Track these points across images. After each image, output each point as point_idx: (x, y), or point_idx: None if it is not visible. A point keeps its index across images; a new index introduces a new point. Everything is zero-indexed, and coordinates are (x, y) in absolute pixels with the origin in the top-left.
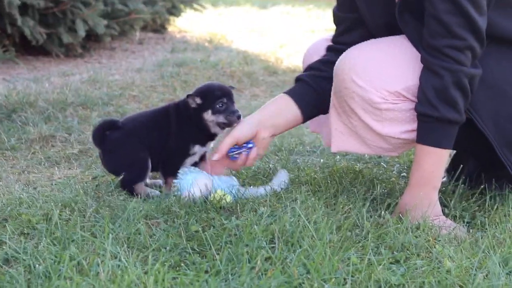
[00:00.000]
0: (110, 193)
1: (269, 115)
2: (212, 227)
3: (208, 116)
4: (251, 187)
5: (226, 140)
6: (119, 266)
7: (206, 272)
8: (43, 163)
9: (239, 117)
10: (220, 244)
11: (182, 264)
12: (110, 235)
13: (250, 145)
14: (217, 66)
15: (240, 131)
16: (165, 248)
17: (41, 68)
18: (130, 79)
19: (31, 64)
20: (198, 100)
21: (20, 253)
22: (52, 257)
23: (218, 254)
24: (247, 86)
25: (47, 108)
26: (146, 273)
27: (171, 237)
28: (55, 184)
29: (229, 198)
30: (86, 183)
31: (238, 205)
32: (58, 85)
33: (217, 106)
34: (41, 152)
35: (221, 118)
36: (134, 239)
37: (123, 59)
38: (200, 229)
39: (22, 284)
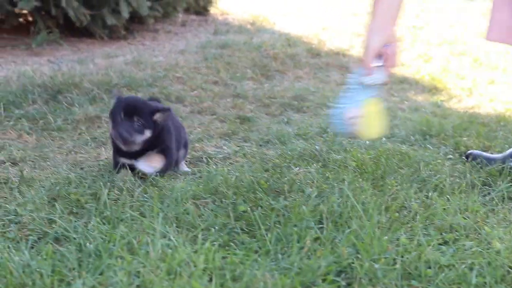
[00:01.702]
0: (156, 173)
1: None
2: (260, 207)
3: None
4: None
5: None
6: (168, 245)
7: (256, 252)
8: (89, 143)
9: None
10: (269, 224)
11: (231, 244)
12: (160, 214)
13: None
14: (260, 48)
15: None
16: (214, 228)
17: (85, 49)
18: (174, 61)
19: (75, 45)
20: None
21: (70, 232)
22: (102, 236)
23: (267, 234)
24: (290, 68)
25: (92, 89)
26: (195, 252)
27: (219, 217)
28: (102, 164)
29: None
30: None
31: (285, 185)
32: (102, 67)
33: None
34: (87, 132)
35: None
36: (182, 219)
37: (166, 40)
38: (248, 209)
39: (73, 262)
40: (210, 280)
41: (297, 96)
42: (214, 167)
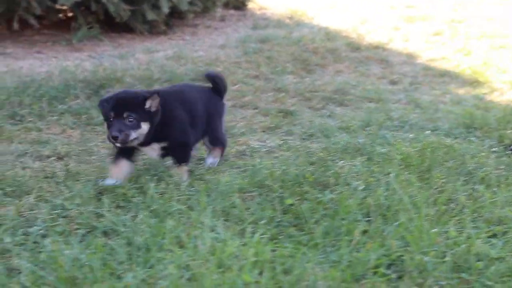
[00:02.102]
0: (200, 167)
1: None
2: (306, 200)
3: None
4: None
5: None
6: (217, 238)
7: (304, 245)
8: None
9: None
10: (316, 217)
11: (279, 237)
12: (207, 208)
13: None
14: (300, 42)
15: None
16: (262, 221)
17: (125, 45)
18: (214, 55)
19: (115, 41)
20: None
21: (118, 226)
22: (151, 229)
23: (315, 227)
24: (330, 62)
25: (134, 84)
26: (244, 245)
27: (266, 210)
28: (147, 159)
29: None
30: None
31: (331, 179)
32: (143, 62)
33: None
34: None
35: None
36: (230, 212)
37: (205, 35)
38: (295, 202)
39: (122, 256)
40: (260, 273)
41: (338, 90)
42: (258, 160)
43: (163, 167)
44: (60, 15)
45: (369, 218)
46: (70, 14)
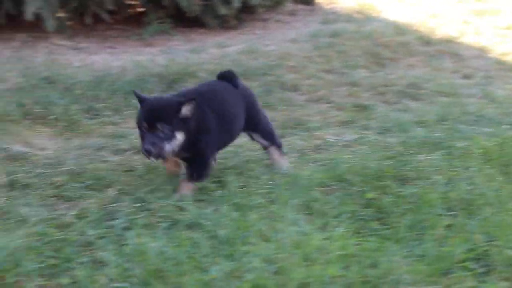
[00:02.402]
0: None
1: None
2: (387, 194)
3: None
4: None
5: None
6: (300, 232)
7: (387, 239)
8: None
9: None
10: (399, 211)
11: (362, 231)
12: (290, 201)
13: None
14: (371, 36)
15: None
16: (344, 215)
17: (196, 39)
18: (286, 50)
19: (186, 36)
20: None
21: (201, 219)
22: (233, 223)
23: (397, 221)
24: (402, 56)
25: (207, 78)
26: (327, 239)
27: (347, 204)
28: (228, 151)
29: None
30: (253, 151)
31: (411, 172)
32: (215, 56)
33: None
34: None
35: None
36: (311, 206)
37: (276, 30)
38: (375, 196)
39: (206, 249)
40: (346, 267)
41: (411, 84)
42: (336, 154)
43: (243, 161)
44: (131, 10)
45: (452, 213)
46: (141, 9)
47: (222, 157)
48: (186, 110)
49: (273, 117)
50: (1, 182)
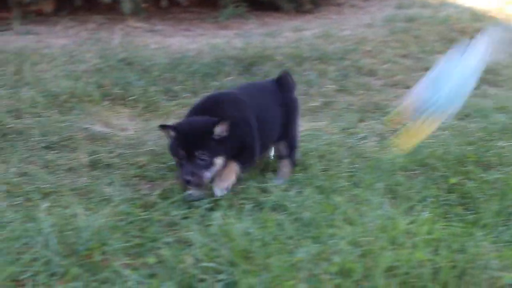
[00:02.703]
0: (360, 144)
1: None
2: (470, 180)
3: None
4: None
5: None
6: (385, 216)
7: (473, 224)
8: None
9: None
10: (483, 197)
11: (446, 216)
12: (374, 185)
13: None
14: (447, 22)
15: None
16: (428, 200)
17: (271, 23)
18: (362, 34)
19: (261, 19)
20: (172, 134)
21: (285, 202)
22: (317, 205)
23: (483, 206)
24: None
25: (284, 62)
26: (412, 223)
27: (430, 188)
28: (307, 135)
29: None
30: (333, 134)
31: (494, 158)
32: (291, 40)
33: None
34: None
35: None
36: (395, 190)
37: (351, 14)
38: (458, 181)
39: (290, 230)
40: (433, 251)
41: (490, 70)
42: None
43: (323, 144)
44: None
45: None
46: None
47: (303, 140)
48: (218, 131)
49: (351, 101)
50: (83, 162)
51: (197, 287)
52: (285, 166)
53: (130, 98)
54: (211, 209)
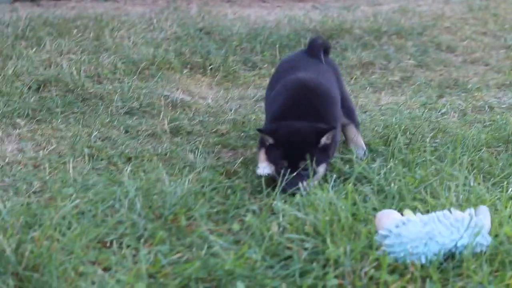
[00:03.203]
0: (440, 119)
1: None
2: None
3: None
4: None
5: None
6: (470, 191)
7: None
8: (367, 88)
9: (284, 191)
10: None
11: None
12: (460, 160)
13: None
14: None
15: None
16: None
17: None
18: (440, 11)
19: None
20: (271, 141)
21: (369, 174)
22: (401, 178)
23: None
24: None
25: (362, 36)
26: (498, 199)
27: None
28: (386, 109)
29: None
30: (414, 109)
31: None
32: (369, 14)
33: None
34: (363, 77)
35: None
36: (479, 166)
37: None
38: None
39: (374, 202)
40: None
41: None
42: (498, 116)
43: (405, 117)
44: None
45: None
46: None
47: (384, 113)
48: (324, 140)
49: (430, 77)
50: (164, 128)
51: (283, 254)
52: (352, 132)
53: (209, 67)
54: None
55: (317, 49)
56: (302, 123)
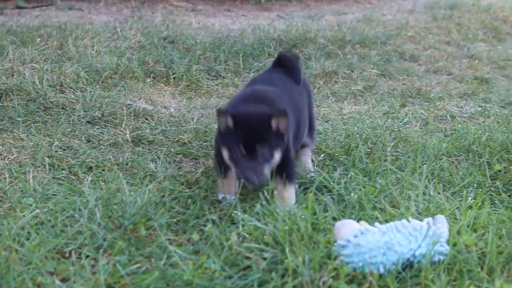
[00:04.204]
0: (402, 128)
1: None
2: None
3: (226, 157)
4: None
5: None
6: (430, 200)
7: None
8: (329, 97)
9: (251, 183)
10: None
11: (491, 202)
12: (418, 169)
13: None
14: (489, 10)
15: None
16: (473, 186)
17: (313, 6)
18: (404, 20)
19: (302, 2)
20: (230, 123)
21: (330, 184)
22: (361, 187)
23: None
24: None
25: (326, 45)
26: (457, 208)
27: (475, 175)
28: (347, 118)
29: None
30: (376, 118)
31: None
32: (334, 23)
33: (234, 152)
34: (326, 87)
35: (235, 172)
36: (439, 175)
37: (392, 0)
38: (503, 168)
39: (335, 212)
40: (479, 236)
41: None
42: (460, 125)
43: (367, 127)
44: None
45: None
46: None
47: (346, 123)
48: (275, 124)
49: (393, 86)
50: (126, 138)
51: (243, 264)
52: (307, 155)
53: (173, 76)
54: (255, 190)
55: (298, 70)
56: (257, 107)
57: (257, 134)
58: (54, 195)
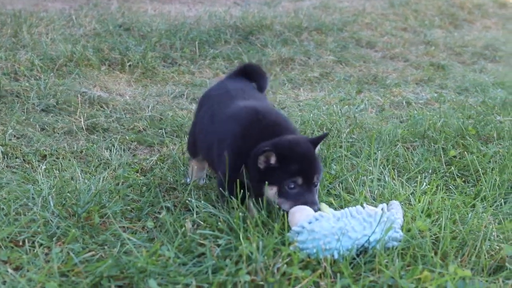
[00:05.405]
0: (358, 114)
1: None
2: (470, 153)
3: (272, 194)
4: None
5: None
6: (384, 185)
7: (472, 197)
8: (286, 84)
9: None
10: (483, 170)
11: (446, 188)
12: (373, 155)
13: None
14: None
15: None
16: (427, 171)
17: None
18: (361, 7)
19: None
20: (273, 161)
21: None
22: None
23: (482, 179)
24: (477, 18)
25: (283, 32)
26: (412, 193)
27: (430, 161)
28: (303, 105)
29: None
30: (332, 105)
31: (493, 132)
32: (290, 10)
33: (287, 187)
34: (282, 73)
35: (286, 206)
36: (394, 161)
37: None
38: (458, 154)
39: None
40: (433, 221)
41: (488, 46)
42: (415, 112)
43: (323, 113)
44: None
45: None
46: None
47: (302, 109)
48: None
49: (349, 72)
50: (81, 125)
51: (197, 251)
52: None
53: (128, 63)
54: (210, 177)
55: (265, 79)
56: (294, 136)
57: (312, 163)
58: (8, 183)
